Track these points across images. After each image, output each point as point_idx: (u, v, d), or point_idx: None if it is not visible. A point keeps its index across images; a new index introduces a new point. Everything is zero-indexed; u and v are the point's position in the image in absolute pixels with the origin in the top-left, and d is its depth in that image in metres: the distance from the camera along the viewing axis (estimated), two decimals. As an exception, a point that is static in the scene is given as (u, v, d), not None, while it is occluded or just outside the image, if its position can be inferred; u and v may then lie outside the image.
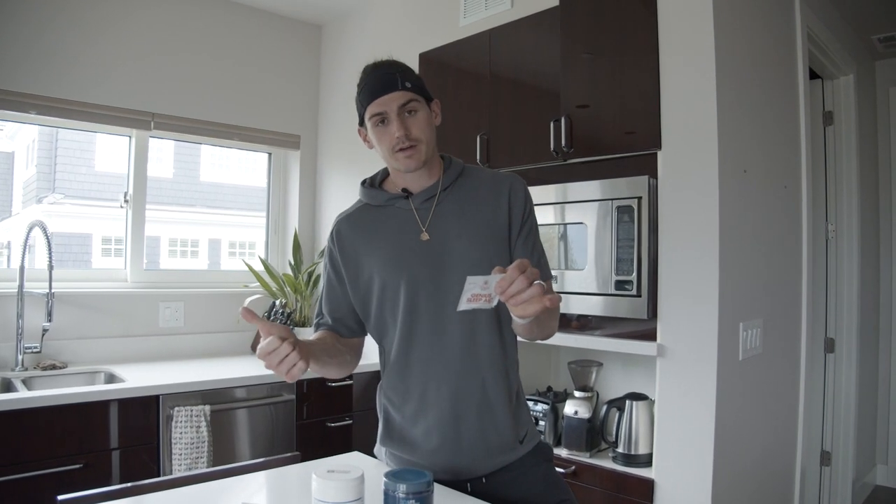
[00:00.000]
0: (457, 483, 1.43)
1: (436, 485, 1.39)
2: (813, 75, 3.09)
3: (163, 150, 4.56)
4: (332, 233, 1.51)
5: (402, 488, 1.14)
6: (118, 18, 3.05)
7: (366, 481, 1.15)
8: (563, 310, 2.32)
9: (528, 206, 1.49)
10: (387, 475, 1.17)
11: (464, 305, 1.19)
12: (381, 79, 1.38)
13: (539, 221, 2.33)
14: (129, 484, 1.41)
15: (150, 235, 5.21)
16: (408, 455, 1.45)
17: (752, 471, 2.17)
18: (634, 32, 2.16)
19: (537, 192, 2.40)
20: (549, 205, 2.37)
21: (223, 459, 2.55)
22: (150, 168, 4.72)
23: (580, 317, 2.32)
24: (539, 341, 1.51)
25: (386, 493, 1.16)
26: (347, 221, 1.50)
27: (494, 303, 1.19)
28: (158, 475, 2.43)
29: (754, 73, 2.22)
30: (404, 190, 1.46)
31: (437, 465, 1.42)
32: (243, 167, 4.21)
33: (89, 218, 3.55)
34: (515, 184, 1.49)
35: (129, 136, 3.21)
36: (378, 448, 1.54)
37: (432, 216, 1.43)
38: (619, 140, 2.20)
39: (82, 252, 3.65)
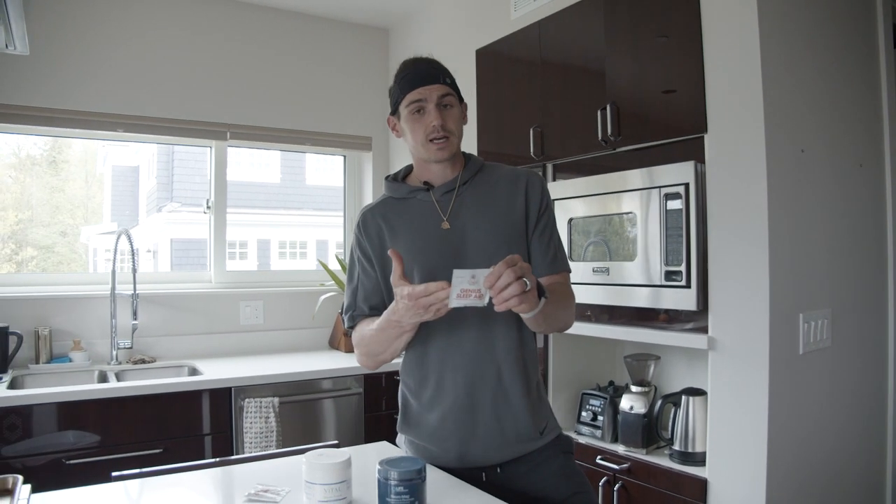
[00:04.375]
0: (471, 471, 1.44)
1: (448, 474, 1.42)
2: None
3: (271, 156, 4.81)
4: (357, 224, 1.56)
5: (392, 475, 1.18)
6: (192, 40, 3.29)
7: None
8: (615, 302, 2.27)
9: (544, 200, 1.50)
10: (381, 462, 1.21)
11: (454, 302, 1.20)
12: (424, 70, 1.44)
13: (590, 213, 2.34)
14: (170, 465, 1.53)
15: (260, 238, 5.46)
16: (423, 441, 1.48)
17: (822, 475, 2.02)
18: (676, 11, 2.07)
19: (588, 183, 2.36)
20: (599, 195, 2.32)
21: (292, 449, 2.69)
22: (257, 174, 4.93)
23: (631, 309, 2.25)
24: (557, 332, 1.50)
25: (378, 480, 1.20)
26: (371, 213, 1.55)
27: (486, 300, 1.20)
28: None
29: (817, 41, 2.05)
30: (425, 183, 1.50)
31: (451, 451, 1.45)
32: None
33: (205, 224, 3.72)
34: (532, 179, 1.51)
35: (210, 147, 3.43)
36: (399, 437, 1.58)
37: (452, 207, 1.47)
38: (666, 125, 2.12)
39: (199, 256, 3.91)
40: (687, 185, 2.02)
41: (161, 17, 3.20)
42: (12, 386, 2.51)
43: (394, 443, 1.66)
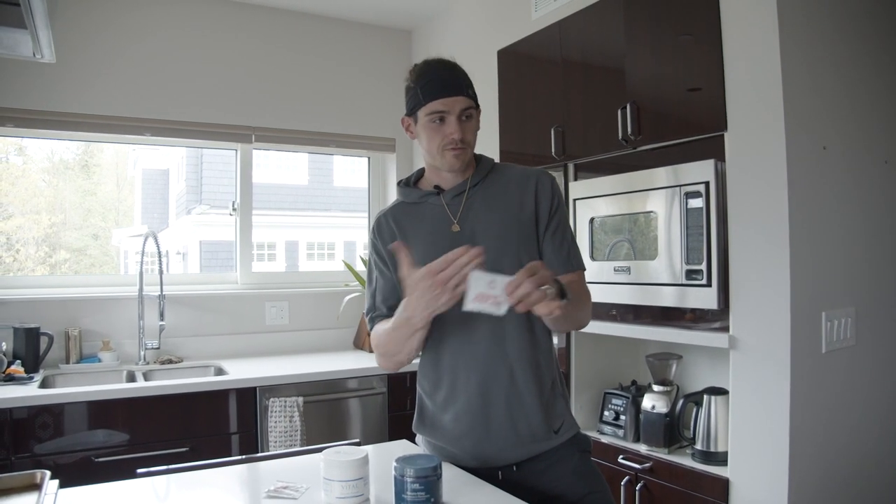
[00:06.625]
0: (487, 470, 1.46)
1: (464, 472, 1.43)
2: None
3: (299, 159, 4.85)
4: (372, 228, 1.59)
5: (409, 472, 1.19)
6: (215, 44, 3.35)
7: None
8: (637, 301, 2.26)
9: (555, 200, 1.51)
10: (397, 460, 1.23)
11: (470, 305, 1.19)
12: (448, 80, 1.44)
13: (611, 212, 2.33)
14: (191, 463, 1.57)
15: (288, 240, 5.47)
16: (439, 441, 1.50)
17: (845, 476, 1.98)
18: (695, 8, 2.06)
19: (609, 182, 2.36)
20: (620, 194, 2.32)
21: (315, 448, 2.73)
22: (285, 176, 4.96)
23: (653, 308, 2.24)
24: (574, 330, 1.50)
25: (395, 477, 1.21)
26: (385, 217, 1.57)
27: (503, 309, 1.18)
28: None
29: (838, 36, 2.02)
30: (436, 187, 1.51)
31: (465, 450, 1.46)
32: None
33: (232, 226, 3.78)
34: (543, 178, 1.51)
35: (235, 150, 3.48)
36: (417, 437, 1.60)
37: (462, 210, 1.48)
38: (686, 123, 2.11)
39: (227, 258, 3.97)
40: (707, 184, 2.01)
41: (184, 23, 3.27)
42: (43, 385, 2.59)
43: (414, 441, 1.68)
